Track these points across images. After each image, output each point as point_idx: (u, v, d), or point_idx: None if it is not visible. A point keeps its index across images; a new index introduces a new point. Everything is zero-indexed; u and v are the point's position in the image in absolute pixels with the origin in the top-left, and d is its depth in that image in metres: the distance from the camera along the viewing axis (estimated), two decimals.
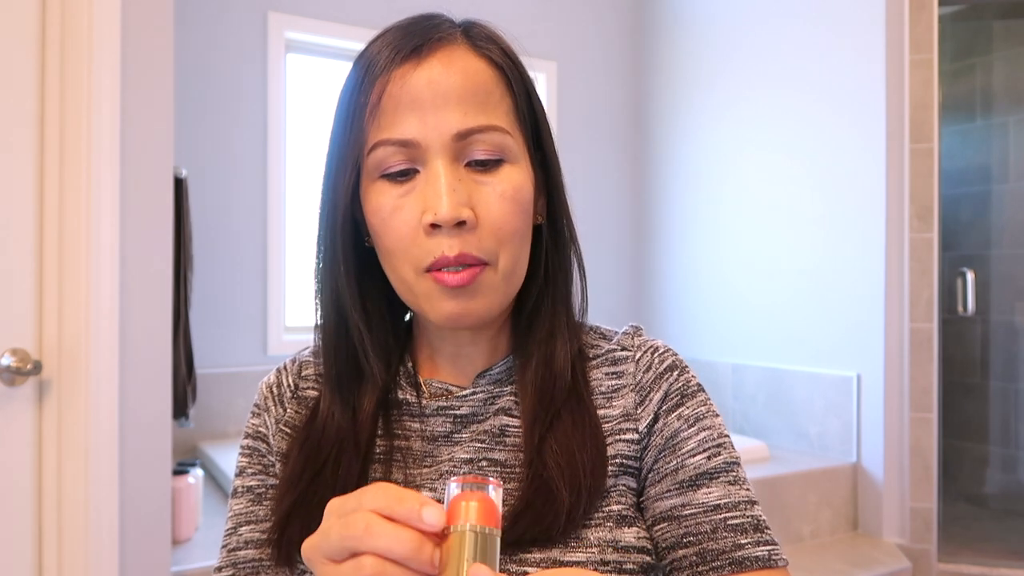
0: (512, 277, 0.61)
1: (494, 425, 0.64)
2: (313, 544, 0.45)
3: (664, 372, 0.66)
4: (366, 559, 0.41)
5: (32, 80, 1.50)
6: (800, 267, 2.78)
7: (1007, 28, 3.25)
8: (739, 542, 0.60)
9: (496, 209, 0.59)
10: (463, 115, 0.58)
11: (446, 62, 0.59)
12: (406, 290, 0.61)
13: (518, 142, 0.62)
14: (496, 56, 0.62)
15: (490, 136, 0.59)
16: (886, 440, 2.49)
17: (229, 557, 0.66)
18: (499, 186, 0.59)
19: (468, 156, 0.59)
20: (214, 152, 2.62)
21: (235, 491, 0.69)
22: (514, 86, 0.63)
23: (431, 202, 0.57)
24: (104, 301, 1.52)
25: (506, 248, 0.59)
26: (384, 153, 0.59)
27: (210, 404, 2.55)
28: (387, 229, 0.59)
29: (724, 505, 0.61)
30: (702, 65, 3.21)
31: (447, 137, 0.58)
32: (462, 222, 0.57)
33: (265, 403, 0.70)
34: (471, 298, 0.59)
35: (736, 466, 0.63)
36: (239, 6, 2.67)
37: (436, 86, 0.58)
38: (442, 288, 0.58)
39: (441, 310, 0.59)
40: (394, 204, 0.59)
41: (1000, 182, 3.24)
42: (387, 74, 0.59)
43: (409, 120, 0.58)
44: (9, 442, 1.48)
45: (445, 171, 0.58)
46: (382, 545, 0.41)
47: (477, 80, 0.60)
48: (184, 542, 1.86)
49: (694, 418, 0.64)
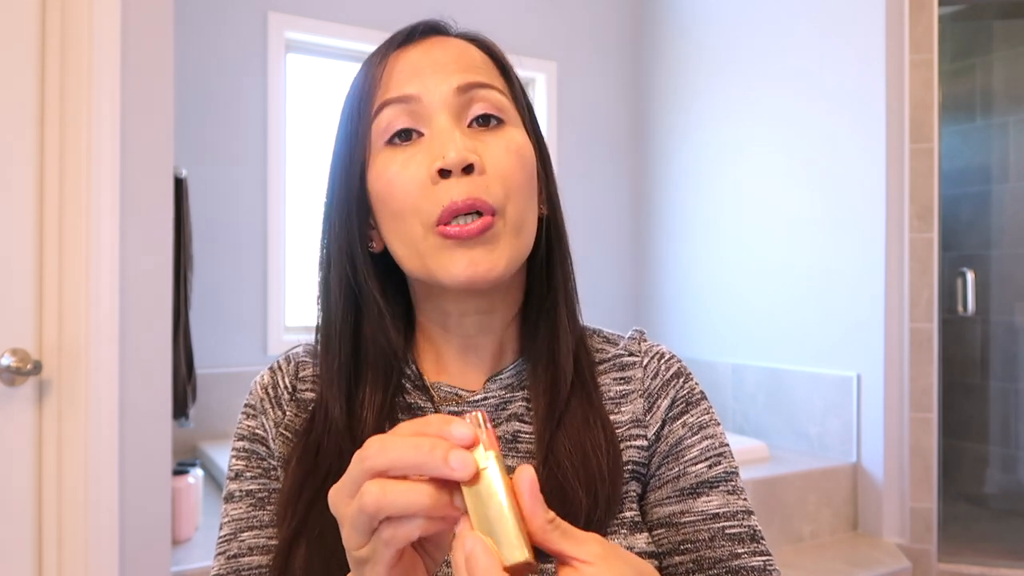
0: (521, 232, 0.59)
1: (507, 431, 0.63)
2: (337, 487, 0.42)
3: (671, 379, 0.67)
4: (368, 485, 0.39)
5: (32, 80, 1.50)
6: (800, 267, 2.78)
7: (1007, 28, 3.25)
8: (736, 551, 0.60)
9: (503, 160, 0.59)
10: (462, 74, 0.60)
11: (442, 44, 0.62)
12: (414, 254, 0.59)
13: (515, 112, 0.63)
14: (491, 46, 0.65)
15: (490, 93, 0.60)
16: (886, 440, 2.49)
17: (230, 564, 0.62)
18: (504, 141, 0.60)
19: (470, 114, 0.60)
20: (214, 152, 2.62)
21: (231, 495, 0.65)
22: (508, 73, 0.65)
23: (438, 151, 0.57)
24: (104, 301, 1.52)
25: (513, 200, 0.59)
26: (388, 115, 0.59)
27: (210, 404, 2.55)
28: (392, 189, 0.58)
29: (723, 514, 0.62)
30: (702, 65, 3.21)
31: (449, 91, 0.59)
32: (470, 166, 0.56)
33: (261, 404, 0.67)
34: (483, 249, 0.57)
35: (735, 476, 0.64)
36: (239, 6, 2.67)
37: (435, 58, 0.60)
38: (453, 243, 0.56)
39: (453, 267, 0.57)
40: (400, 166, 0.59)
41: (1000, 182, 3.24)
42: (386, 58, 0.61)
43: (410, 82, 0.60)
44: (9, 442, 1.48)
45: (450, 123, 0.58)
46: (396, 455, 0.39)
47: (473, 56, 0.62)
48: (184, 542, 1.86)
49: (698, 426, 0.65)
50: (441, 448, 0.38)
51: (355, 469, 0.41)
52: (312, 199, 2.83)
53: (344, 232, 0.61)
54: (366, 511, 0.39)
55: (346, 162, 0.61)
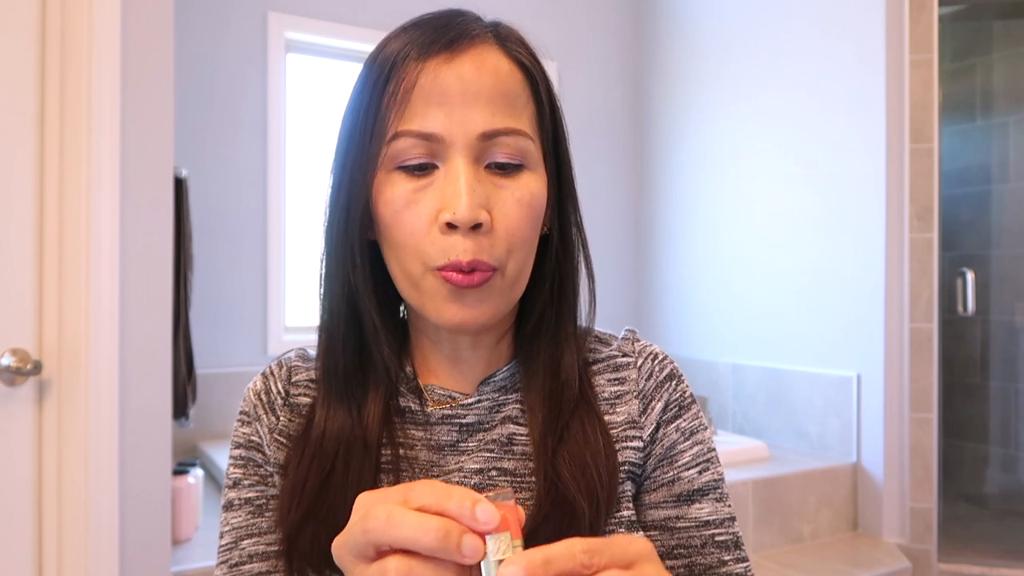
0: (516, 284, 0.60)
1: (501, 434, 0.64)
2: (340, 542, 0.42)
3: (664, 381, 0.68)
4: (392, 562, 0.39)
5: (32, 80, 1.50)
6: (800, 267, 2.78)
7: (1007, 28, 3.25)
8: (723, 558, 0.64)
9: (512, 215, 0.58)
10: (491, 115, 0.57)
11: (478, 62, 0.58)
12: (410, 286, 0.59)
13: (537, 149, 0.61)
14: (525, 59, 0.62)
15: (514, 140, 0.58)
16: (886, 440, 2.49)
17: (233, 573, 0.63)
18: (517, 192, 0.59)
19: (489, 158, 0.58)
20: (214, 152, 2.62)
21: (230, 504, 0.65)
22: (539, 92, 0.62)
23: (450, 200, 0.56)
24: (104, 301, 1.52)
25: (515, 255, 0.59)
26: (404, 144, 0.57)
27: (210, 404, 2.55)
28: (399, 222, 0.58)
29: (713, 522, 0.65)
30: (702, 65, 3.21)
31: (472, 136, 0.57)
32: (478, 224, 0.56)
33: (255, 411, 0.67)
34: (476, 303, 0.58)
35: (722, 482, 0.67)
36: (239, 6, 2.67)
37: (467, 84, 0.57)
38: (449, 288, 0.57)
39: (444, 313, 0.58)
40: (409, 198, 0.57)
41: (1000, 182, 3.24)
42: (418, 65, 0.57)
43: (436, 114, 0.57)
44: (9, 442, 1.48)
45: (466, 170, 0.56)
46: (405, 535, 0.38)
47: (507, 82, 0.59)
48: (184, 542, 1.86)
49: (689, 431, 0.67)
50: (454, 536, 0.38)
51: (358, 536, 0.40)
52: (312, 199, 2.84)
53: (345, 240, 0.61)
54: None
55: (355, 174, 0.59)
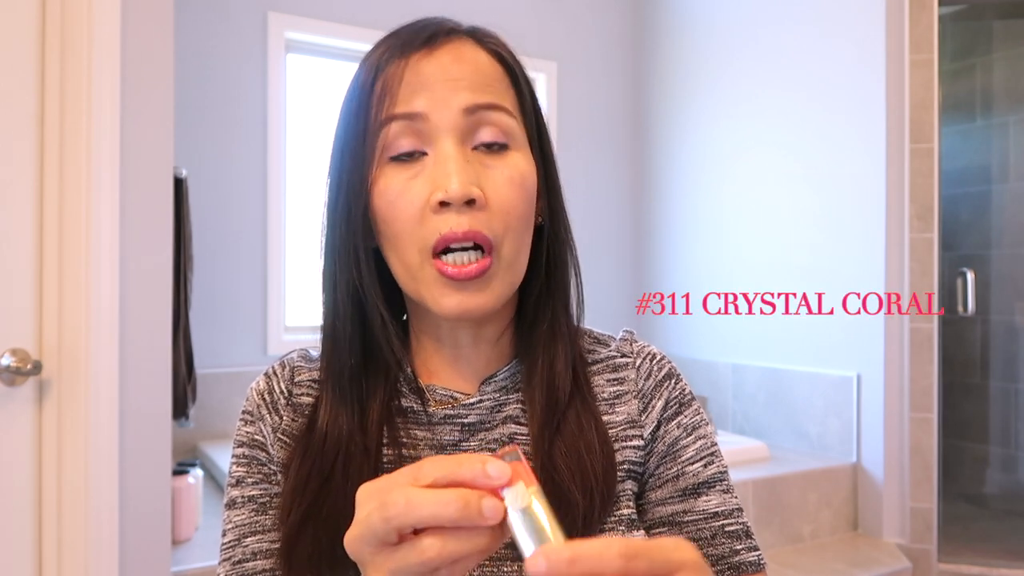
0: (514, 266, 0.61)
1: (503, 433, 0.64)
2: (355, 535, 0.42)
3: (663, 380, 0.69)
4: (426, 541, 0.39)
5: (32, 80, 1.50)
6: (800, 267, 2.78)
7: (1007, 28, 3.25)
8: (735, 548, 0.65)
9: (504, 191, 0.59)
10: (472, 93, 0.59)
11: (456, 54, 0.60)
12: (409, 278, 0.60)
13: (522, 132, 0.62)
14: (504, 52, 0.64)
15: (498, 116, 0.60)
16: (886, 440, 2.49)
17: (236, 570, 0.63)
18: (506, 171, 0.60)
19: (476, 139, 0.59)
20: (214, 152, 2.62)
21: (233, 502, 0.66)
22: (519, 83, 0.64)
23: (440, 180, 0.57)
24: (104, 301, 1.52)
25: (511, 234, 0.59)
26: (394, 131, 0.58)
27: (210, 404, 2.55)
28: (394, 211, 0.59)
29: (721, 513, 0.65)
30: (702, 65, 3.21)
31: (456, 111, 0.58)
32: (471, 200, 0.57)
33: (258, 411, 0.68)
34: (477, 291, 0.58)
35: (727, 474, 0.68)
36: (239, 6, 2.67)
37: (447, 71, 0.59)
38: (447, 280, 0.58)
39: (445, 302, 0.58)
40: (402, 186, 0.58)
41: (1000, 182, 3.24)
42: (400, 62, 0.59)
43: (419, 97, 0.58)
44: (9, 442, 1.48)
45: (454, 150, 0.58)
46: (428, 513, 0.39)
47: (486, 71, 0.61)
48: (184, 542, 1.86)
49: (691, 427, 0.68)
50: (473, 503, 0.39)
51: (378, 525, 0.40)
52: (312, 199, 2.83)
53: (349, 239, 0.61)
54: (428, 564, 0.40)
55: (352, 172, 0.60)
